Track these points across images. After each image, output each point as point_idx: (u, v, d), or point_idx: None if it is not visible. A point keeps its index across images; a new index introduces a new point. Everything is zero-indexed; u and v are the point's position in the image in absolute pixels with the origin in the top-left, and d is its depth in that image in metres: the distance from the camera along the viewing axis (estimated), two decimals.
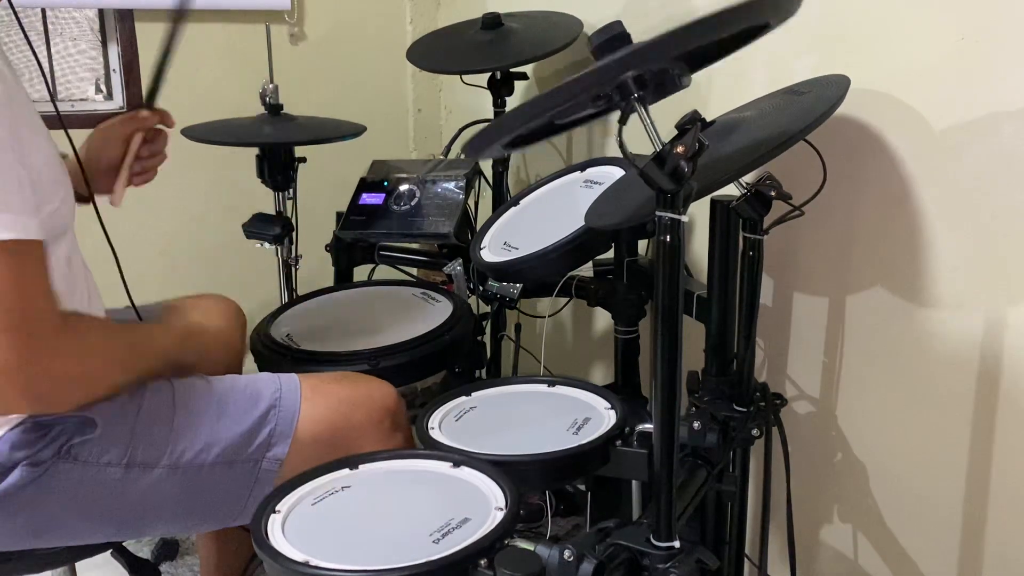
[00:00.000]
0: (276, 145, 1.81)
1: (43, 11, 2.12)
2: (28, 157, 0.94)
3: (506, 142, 1.02)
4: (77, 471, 1.04)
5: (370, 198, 1.84)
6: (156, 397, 1.11)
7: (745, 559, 1.43)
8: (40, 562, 1.16)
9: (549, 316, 1.99)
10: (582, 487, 1.75)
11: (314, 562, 0.85)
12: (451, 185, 1.80)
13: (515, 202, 1.63)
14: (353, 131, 1.79)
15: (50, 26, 2.15)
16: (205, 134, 1.71)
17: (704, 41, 0.88)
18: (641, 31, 0.86)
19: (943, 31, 1.21)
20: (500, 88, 1.93)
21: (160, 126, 1.33)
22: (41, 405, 0.97)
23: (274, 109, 1.79)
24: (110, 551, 1.24)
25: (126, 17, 2.14)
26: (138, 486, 1.06)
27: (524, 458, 1.05)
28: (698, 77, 1.02)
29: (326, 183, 2.01)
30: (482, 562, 0.84)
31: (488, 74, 1.93)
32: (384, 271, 1.97)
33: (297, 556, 0.86)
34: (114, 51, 2.18)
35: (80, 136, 1.25)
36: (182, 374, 1.16)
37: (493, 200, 2.00)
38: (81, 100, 2.22)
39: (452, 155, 2.00)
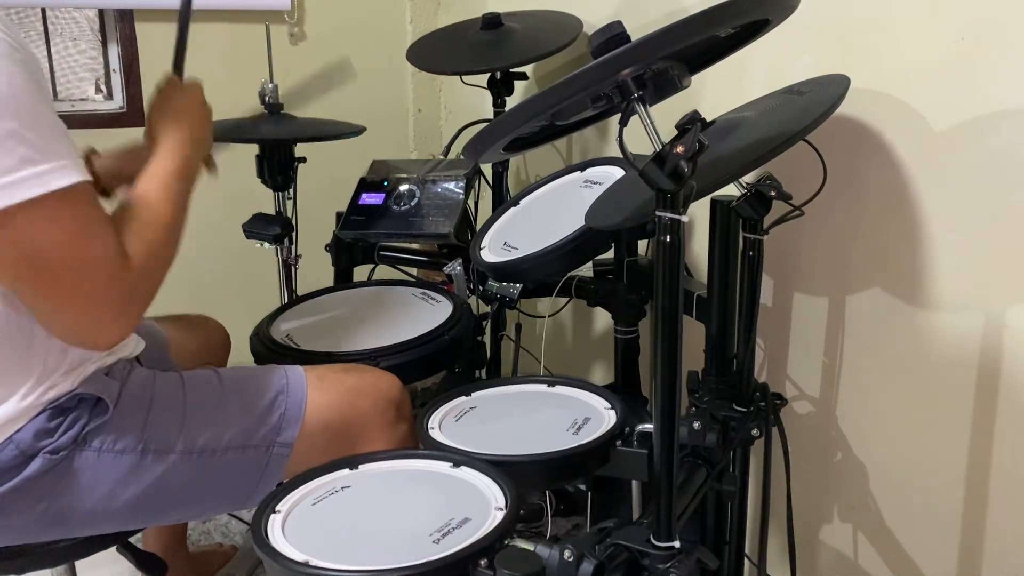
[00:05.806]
0: (276, 144, 1.81)
1: (43, 11, 2.11)
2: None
3: (506, 144, 1.01)
4: (93, 459, 1.07)
5: (370, 198, 1.84)
6: (166, 386, 1.15)
7: (745, 559, 1.43)
8: (46, 558, 1.16)
9: (549, 316, 1.99)
10: (582, 487, 1.75)
11: (314, 562, 0.85)
12: (451, 185, 1.80)
13: (515, 202, 1.63)
14: (353, 131, 1.79)
15: (50, 26, 2.15)
16: None
17: (704, 36, 0.88)
18: (642, 32, 0.85)
19: (943, 31, 1.21)
20: (500, 88, 1.93)
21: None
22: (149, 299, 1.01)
23: (274, 108, 1.79)
24: (115, 547, 1.24)
25: (126, 17, 2.14)
26: (153, 472, 1.09)
27: (524, 458, 1.05)
28: (698, 77, 1.02)
29: (326, 183, 2.01)
30: (482, 562, 0.84)
31: (488, 74, 1.93)
32: (384, 271, 1.97)
33: (297, 556, 0.86)
34: (114, 51, 2.18)
35: (79, 136, 1.25)
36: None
37: (493, 200, 2.00)
38: (81, 100, 2.23)
39: (452, 155, 2.00)
